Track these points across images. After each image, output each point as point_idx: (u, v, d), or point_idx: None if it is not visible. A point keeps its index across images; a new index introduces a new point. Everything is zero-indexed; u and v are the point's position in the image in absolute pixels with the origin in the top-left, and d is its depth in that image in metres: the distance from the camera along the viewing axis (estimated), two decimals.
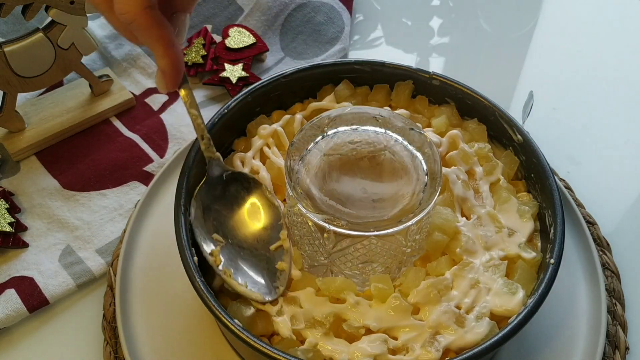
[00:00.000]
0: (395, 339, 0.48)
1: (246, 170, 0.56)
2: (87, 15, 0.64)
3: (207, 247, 0.51)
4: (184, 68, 0.48)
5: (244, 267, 0.51)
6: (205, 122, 0.56)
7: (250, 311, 0.49)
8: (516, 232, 0.54)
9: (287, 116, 0.60)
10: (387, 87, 0.62)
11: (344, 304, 0.49)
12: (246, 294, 0.49)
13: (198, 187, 0.53)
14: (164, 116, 0.73)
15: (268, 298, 0.50)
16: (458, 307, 0.50)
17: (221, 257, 0.51)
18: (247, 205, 0.54)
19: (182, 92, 0.50)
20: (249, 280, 0.50)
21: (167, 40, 0.46)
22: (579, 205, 0.65)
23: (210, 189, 0.53)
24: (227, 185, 0.54)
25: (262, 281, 0.51)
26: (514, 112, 0.72)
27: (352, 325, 0.48)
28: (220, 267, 0.50)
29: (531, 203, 0.55)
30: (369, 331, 0.49)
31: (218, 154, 0.53)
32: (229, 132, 0.59)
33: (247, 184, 0.54)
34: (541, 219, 0.55)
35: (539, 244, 0.54)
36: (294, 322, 0.49)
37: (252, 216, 0.53)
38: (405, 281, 0.51)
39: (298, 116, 0.59)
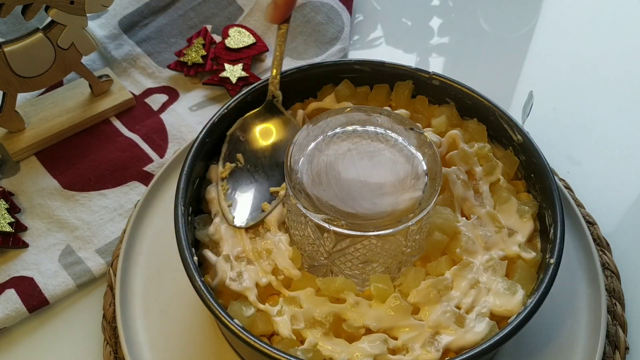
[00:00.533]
0: (395, 339, 0.48)
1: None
2: (87, 15, 0.64)
3: (226, 160, 0.56)
4: (294, 6, 0.55)
5: (240, 192, 0.55)
6: (205, 122, 0.56)
7: (250, 311, 0.49)
8: (516, 232, 0.54)
9: (289, 111, 0.60)
10: (387, 87, 0.62)
11: (344, 304, 0.49)
12: (223, 209, 0.53)
13: (253, 112, 0.58)
14: (163, 116, 0.73)
15: (235, 223, 0.53)
16: (458, 307, 0.50)
17: (230, 174, 0.55)
18: (278, 146, 0.57)
19: (282, 28, 0.57)
20: (234, 203, 0.54)
21: None
22: (579, 205, 0.65)
23: (259, 117, 0.58)
24: (273, 122, 0.58)
25: (245, 210, 0.54)
26: (514, 112, 0.72)
27: (352, 325, 0.48)
28: (222, 180, 0.54)
29: (531, 203, 0.55)
30: (368, 331, 0.49)
31: (280, 92, 0.58)
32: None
33: (290, 130, 0.57)
34: (541, 219, 0.55)
35: (539, 244, 0.54)
36: (294, 322, 0.49)
37: (277, 157, 0.57)
38: (405, 281, 0.51)
39: (300, 111, 0.60)
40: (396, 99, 0.61)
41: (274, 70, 0.58)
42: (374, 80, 0.62)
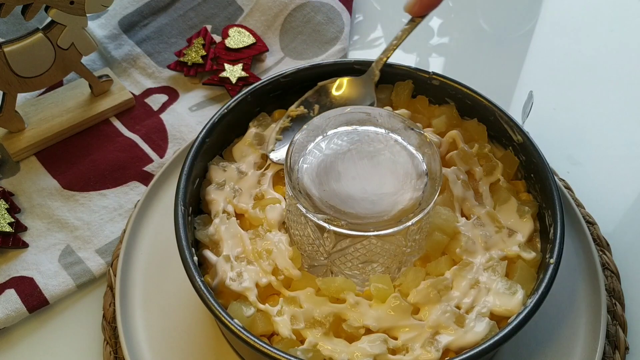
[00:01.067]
0: (395, 339, 0.48)
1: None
2: (87, 15, 0.64)
3: (302, 103, 0.59)
4: (438, 4, 0.55)
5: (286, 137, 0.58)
6: (205, 122, 0.56)
7: (250, 311, 0.49)
8: (516, 232, 0.54)
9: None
10: (387, 87, 0.61)
11: (344, 304, 0.49)
12: (270, 138, 0.57)
13: (351, 77, 0.60)
14: (163, 116, 0.73)
15: (270, 154, 0.57)
16: (458, 307, 0.50)
17: (298, 115, 0.58)
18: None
19: (416, 21, 0.58)
20: (284, 141, 0.57)
21: None
22: (579, 205, 0.65)
23: (351, 84, 0.59)
24: (360, 94, 0.59)
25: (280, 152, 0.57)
26: (514, 112, 0.72)
27: (352, 325, 0.48)
28: (288, 117, 0.58)
29: (531, 203, 0.55)
30: (368, 331, 0.49)
31: (379, 73, 0.59)
32: (229, 132, 0.59)
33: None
34: (541, 219, 0.55)
35: (539, 244, 0.54)
36: (294, 322, 0.49)
37: None
38: (405, 281, 0.51)
39: None
40: (396, 99, 0.61)
41: (385, 54, 0.59)
42: None
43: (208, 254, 0.52)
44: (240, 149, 0.59)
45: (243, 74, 0.75)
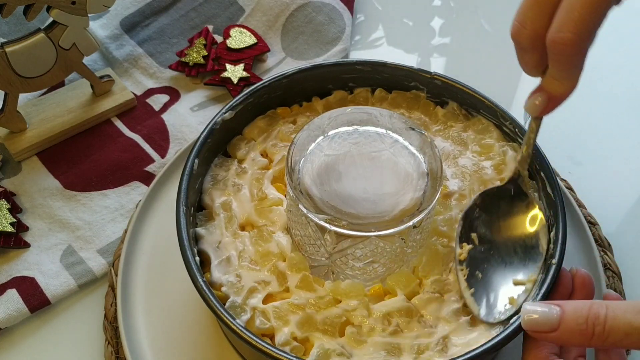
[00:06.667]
0: (402, 340, 0.48)
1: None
2: (89, 15, 0.64)
3: (462, 240, 0.52)
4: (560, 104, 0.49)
5: (480, 277, 0.50)
6: (207, 123, 0.56)
7: (251, 312, 0.49)
8: None
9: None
10: (402, 94, 0.62)
11: (347, 306, 0.49)
12: (467, 299, 0.49)
13: (492, 187, 0.54)
14: (165, 116, 0.73)
15: (486, 318, 0.48)
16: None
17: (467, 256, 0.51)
18: (514, 229, 0.52)
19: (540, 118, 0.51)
20: (477, 291, 0.49)
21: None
22: (581, 205, 0.65)
23: (499, 195, 0.53)
24: (512, 203, 0.53)
25: (491, 301, 0.49)
26: (516, 112, 0.72)
27: (356, 326, 0.48)
28: (460, 263, 0.51)
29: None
30: (373, 333, 0.48)
31: (527, 172, 0.53)
32: (230, 132, 0.59)
33: (528, 212, 0.52)
34: None
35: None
36: (296, 323, 0.49)
37: (513, 241, 0.51)
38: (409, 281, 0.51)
39: None
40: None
41: (525, 149, 0.52)
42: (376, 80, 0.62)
43: (210, 253, 0.52)
44: (241, 148, 0.59)
45: (244, 74, 0.75)
